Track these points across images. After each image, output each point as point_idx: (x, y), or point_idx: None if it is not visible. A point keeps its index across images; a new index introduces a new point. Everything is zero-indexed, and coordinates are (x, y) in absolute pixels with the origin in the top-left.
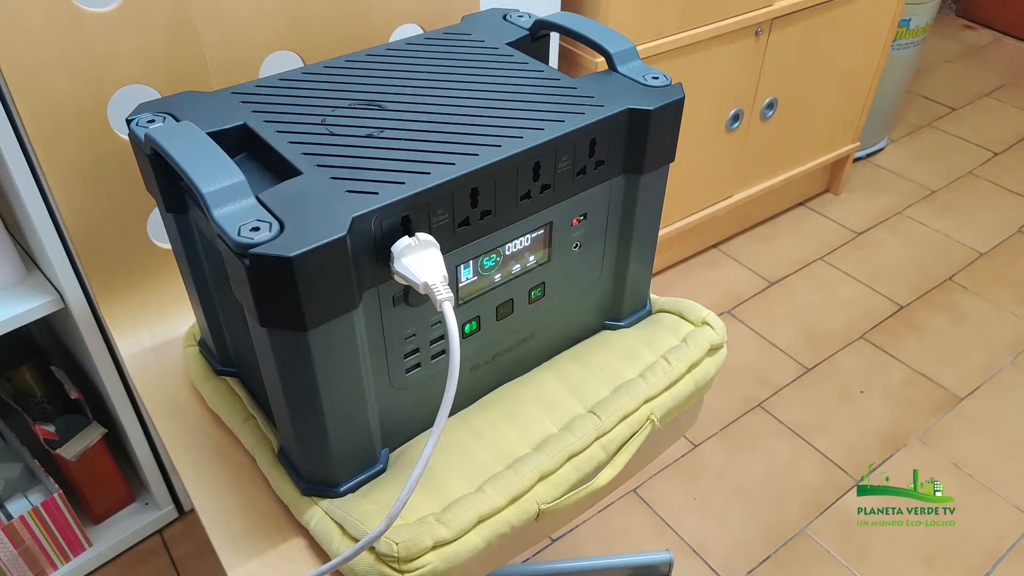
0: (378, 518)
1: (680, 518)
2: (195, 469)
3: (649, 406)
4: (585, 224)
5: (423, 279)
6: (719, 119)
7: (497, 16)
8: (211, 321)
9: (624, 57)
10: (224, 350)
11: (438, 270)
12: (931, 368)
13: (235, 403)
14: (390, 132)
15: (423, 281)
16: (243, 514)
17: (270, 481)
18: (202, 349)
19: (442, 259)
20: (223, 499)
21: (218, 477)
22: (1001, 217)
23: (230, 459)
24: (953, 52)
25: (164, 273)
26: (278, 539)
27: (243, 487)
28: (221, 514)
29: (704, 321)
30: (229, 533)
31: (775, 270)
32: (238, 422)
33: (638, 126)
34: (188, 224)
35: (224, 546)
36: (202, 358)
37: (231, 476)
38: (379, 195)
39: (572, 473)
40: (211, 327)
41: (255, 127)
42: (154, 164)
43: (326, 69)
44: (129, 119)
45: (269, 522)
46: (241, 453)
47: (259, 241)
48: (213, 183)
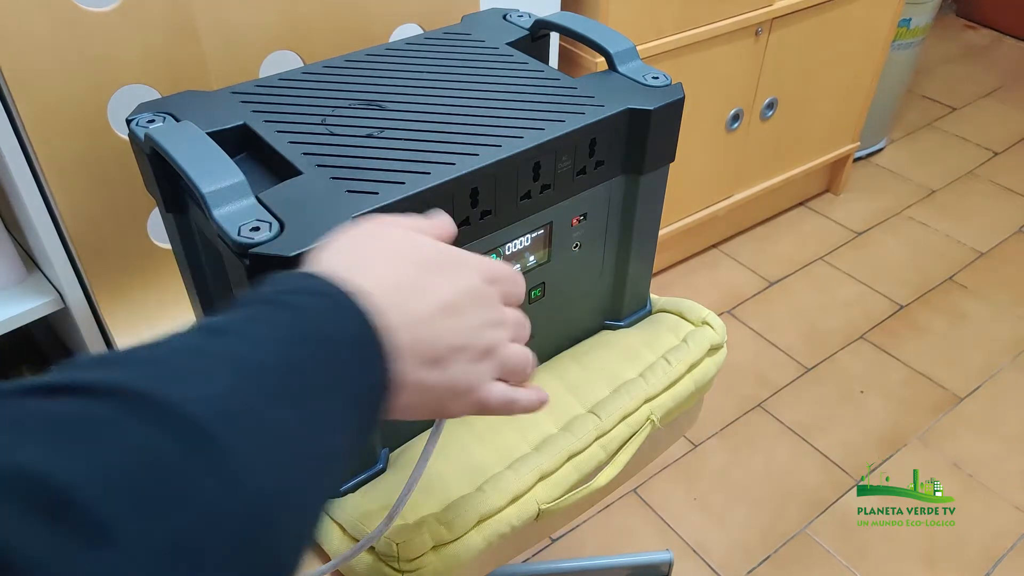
0: (378, 518)
1: (680, 518)
2: None
3: (649, 406)
4: (585, 224)
5: None
6: (719, 119)
7: (497, 16)
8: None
9: (624, 57)
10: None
11: None
12: (931, 368)
13: None
14: (390, 132)
15: None
16: None
17: None
18: None
19: None
20: None
21: None
22: (1001, 217)
23: None
24: (953, 52)
25: (164, 273)
26: None
27: None
28: None
29: (704, 321)
30: None
31: (775, 270)
32: None
33: (638, 126)
34: (188, 224)
35: None
36: None
37: None
38: (379, 195)
39: (572, 473)
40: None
41: (255, 127)
42: (154, 164)
43: (326, 69)
44: (129, 119)
45: None
46: None
47: (259, 241)
48: (213, 183)
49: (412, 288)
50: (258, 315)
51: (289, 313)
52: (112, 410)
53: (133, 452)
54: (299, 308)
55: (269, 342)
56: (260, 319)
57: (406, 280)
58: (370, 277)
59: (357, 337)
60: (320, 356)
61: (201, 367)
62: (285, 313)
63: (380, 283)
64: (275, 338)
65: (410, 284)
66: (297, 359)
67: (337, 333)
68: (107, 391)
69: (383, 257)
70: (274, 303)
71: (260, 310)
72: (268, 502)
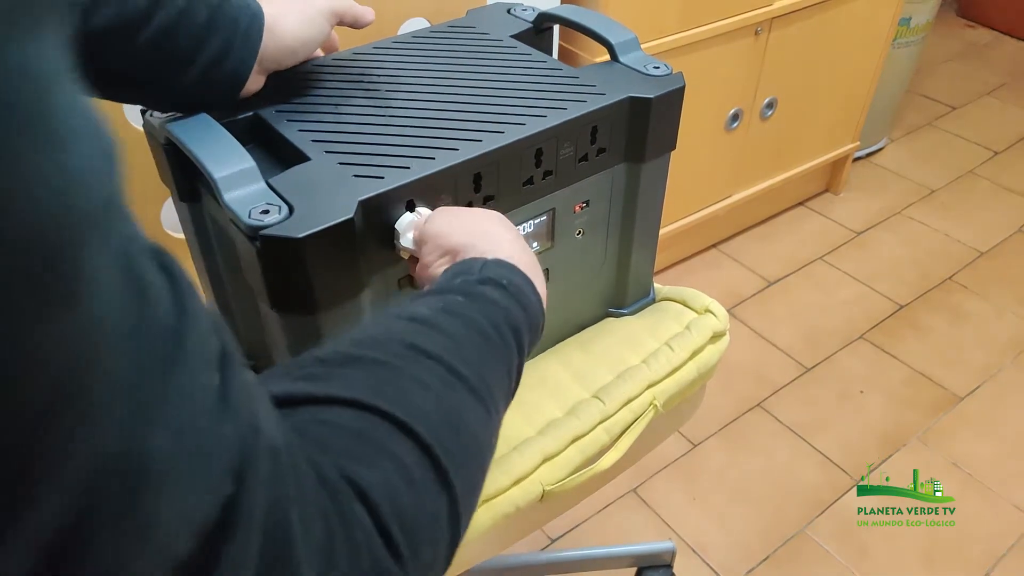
0: None
1: (680, 518)
2: None
3: (652, 391)
4: (588, 211)
5: None
6: (719, 119)
7: (501, 10)
8: (223, 310)
9: (626, 48)
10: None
11: None
12: (931, 368)
13: None
14: (396, 120)
15: None
16: None
17: None
18: None
19: None
20: None
21: None
22: (1001, 217)
23: None
24: (953, 51)
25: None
26: None
27: None
28: None
29: (707, 309)
30: None
31: (775, 270)
32: None
33: (639, 114)
34: (201, 213)
35: None
36: None
37: None
38: (385, 179)
39: (576, 456)
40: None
41: (266, 116)
42: (168, 154)
43: (334, 61)
44: (144, 110)
45: None
46: None
47: (269, 223)
48: (225, 169)
49: (523, 250)
50: (456, 308)
51: (481, 305)
52: (381, 430)
53: (403, 470)
54: (489, 301)
55: (469, 345)
56: (458, 312)
57: (529, 258)
58: (507, 250)
59: (534, 319)
60: (507, 339)
61: (419, 380)
62: (480, 304)
63: (511, 254)
64: (471, 332)
65: (520, 247)
66: (488, 351)
67: (519, 317)
68: (368, 408)
69: (505, 234)
70: (468, 295)
71: (455, 302)
72: (462, 499)
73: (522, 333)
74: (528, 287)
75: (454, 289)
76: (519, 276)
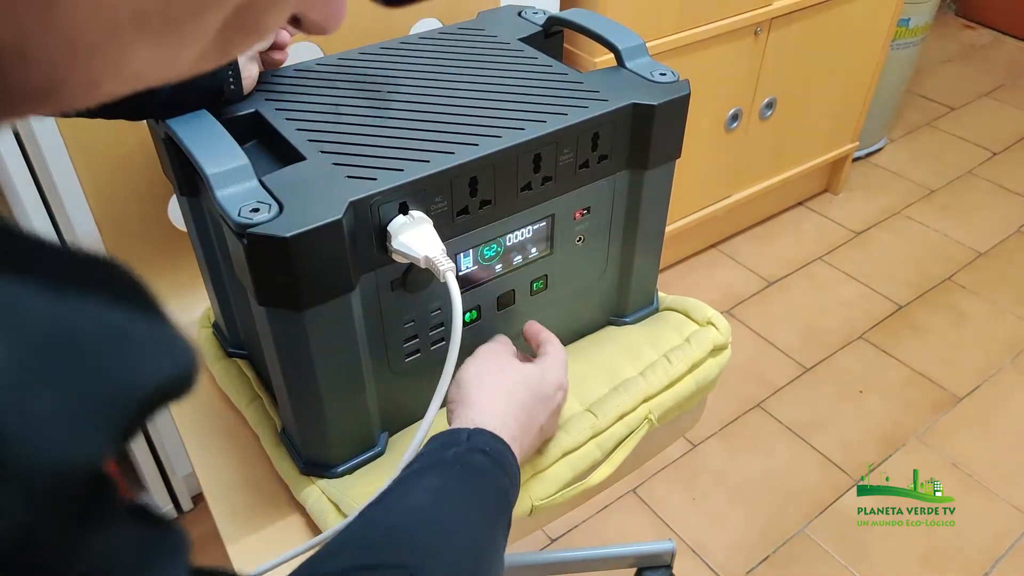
0: None
1: (680, 518)
2: (202, 444)
3: (647, 405)
4: (589, 218)
5: (423, 253)
6: (718, 119)
7: (512, 12)
8: (222, 303)
9: (633, 53)
10: (235, 332)
11: (436, 243)
12: (931, 368)
13: (243, 383)
14: (395, 121)
15: (423, 255)
16: (245, 489)
17: (272, 459)
18: (215, 331)
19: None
20: (227, 474)
21: (224, 453)
22: (1001, 217)
23: (237, 437)
24: (953, 52)
25: (182, 256)
26: (277, 516)
27: (247, 464)
28: (224, 488)
29: (709, 321)
30: (231, 507)
31: (774, 270)
32: (244, 401)
33: (643, 121)
34: (201, 207)
35: (226, 519)
36: (214, 340)
37: (236, 453)
38: (377, 181)
39: (566, 471)
40: (222, 309)
41: (266, 114)
42: (169, 149)
43: (340, 60)
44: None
45: (270, 498)
46: (247, 431)
47: (257, 222)
48: (218, 165)
49: (528, 425)
50: (453, 476)
51: (474, 477)
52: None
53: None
54: (480, 470)
55: (473, 512)
56: (459, 480)
57: (524, 418)
58: (512, 425)
59: (513, 478)
60: (501, 503)
61: (435, 543)
62: (473, 477)
63: (510, 432)
64: (473, 499)
65: (527, 420)
66: (487, 512)
67: (503, 483)
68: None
69: (510, 403)
70: (462, 464)
71: (452, 472)
72: None
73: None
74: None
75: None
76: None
